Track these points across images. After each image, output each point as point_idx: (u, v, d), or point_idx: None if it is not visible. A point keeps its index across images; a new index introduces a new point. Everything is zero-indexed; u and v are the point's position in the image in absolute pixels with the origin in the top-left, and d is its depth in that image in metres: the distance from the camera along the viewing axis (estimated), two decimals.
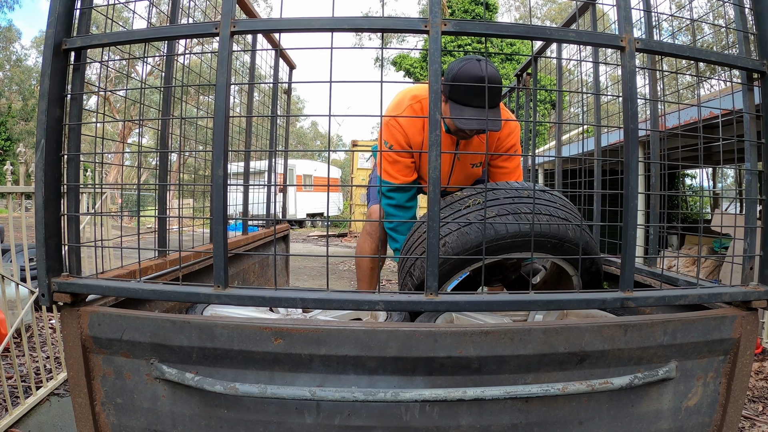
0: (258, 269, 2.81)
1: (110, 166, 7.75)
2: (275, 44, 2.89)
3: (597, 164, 2.29)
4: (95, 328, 1.15)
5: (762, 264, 1.26)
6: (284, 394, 1.04)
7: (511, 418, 1.12)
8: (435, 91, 1.08)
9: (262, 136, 3.32)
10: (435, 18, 1.06)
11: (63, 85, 1.20)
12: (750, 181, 1.30)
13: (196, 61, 3.29)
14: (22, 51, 28.07)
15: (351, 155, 14.39)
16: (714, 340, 1.18)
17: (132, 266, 1.55)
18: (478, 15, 13.61)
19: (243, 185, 3.02)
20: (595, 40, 1.28)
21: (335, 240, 12.78)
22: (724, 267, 5.04)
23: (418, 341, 1.07)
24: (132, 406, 1.17)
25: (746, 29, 1.35)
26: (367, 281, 2.30)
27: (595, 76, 2.23)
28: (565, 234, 1.53)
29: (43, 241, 1.16)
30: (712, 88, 5.94)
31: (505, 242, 1.49)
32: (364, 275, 2.32)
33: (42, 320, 3.31)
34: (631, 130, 1.13)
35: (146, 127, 4.93)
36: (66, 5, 1.18)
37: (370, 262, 2.29)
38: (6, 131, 24.47)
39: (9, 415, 2.11)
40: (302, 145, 39.15)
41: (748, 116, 1.31)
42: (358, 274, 2.36)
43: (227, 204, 1.16)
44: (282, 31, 1.16)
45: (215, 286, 1.13)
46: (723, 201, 7.39)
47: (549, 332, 1.09)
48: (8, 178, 2.45)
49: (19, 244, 2.55)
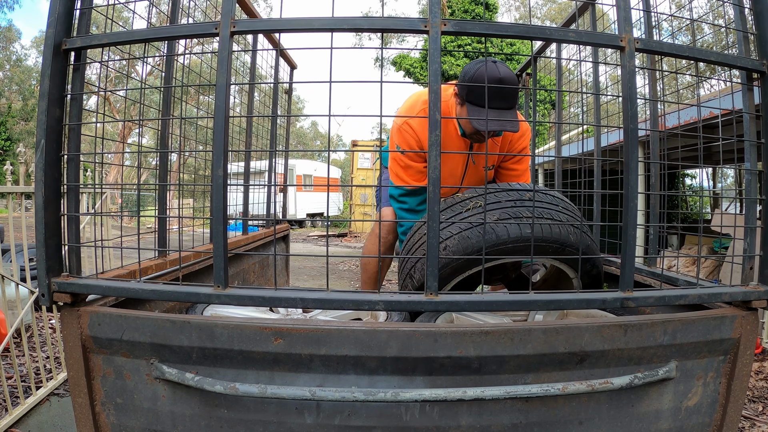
0: (258, 269, 2.81)
1: (110, 166, 7.75)
2: (275, 44, 2.89)
3: (597, 164, 2.29)
4: (95, 328, 1.15)
5: (762, 264, 1.26)
6: (284, 394, 1.04)
7: (511, 418, 1.12)
8: (435, 91, 1.08)
9: (262, 136, 3.32)
10: (435, 18, 1.06)
11: (63, 85, 1.20)
12: (750, 181, 1.30)
13: (196, 61, 3.29)
14: (22, 51, 28.11)
15: (351, 155, 14.40)
16: (714, 340, 1.19)
17: (132, 266, 1.55)
18: (478, 15, 13.61)
19: (243, 185, 3.02)
20: (594, 40, 1.28)
21: (335, 240, 12.78)
22: (724, 267, 5.04)
23: (418, 341, 1.07)
24: (132, 406, 1.17)
25: (746, 29, 1.35)
26: (371, 284, 2.30)
27: (594, 76, 2.23)
28: (567, 239, 1.52)
29: (43, 241, 1.16)
30: (712, 88, 5.94)
31: (506, 247, 1.49)
32: (369, 278, 2.31)
33: (42, 320, 3.31)
34: (631, 130, 1.13)
35: (146, 127, 4.93)
36: (66, 5, 1.18)
37: (377, 266, 2.27)
38: (6, 131, 24.47)
39: (9, 415, 2.11)
40: (302, 145, 39.16)
41: (747, 116, 1.31)
42: (363, 277, 2.35)
43: (227, 204, 1.16)
44: (282, 31, 1.16)
45: (215, 286, 1.13)
46: (723, 201, 7.40)
47: (549, 332, 1.09)
48: (8, 178, 2.45)
49: (19, 244, 2.55)
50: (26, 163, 2.47)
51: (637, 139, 1.15)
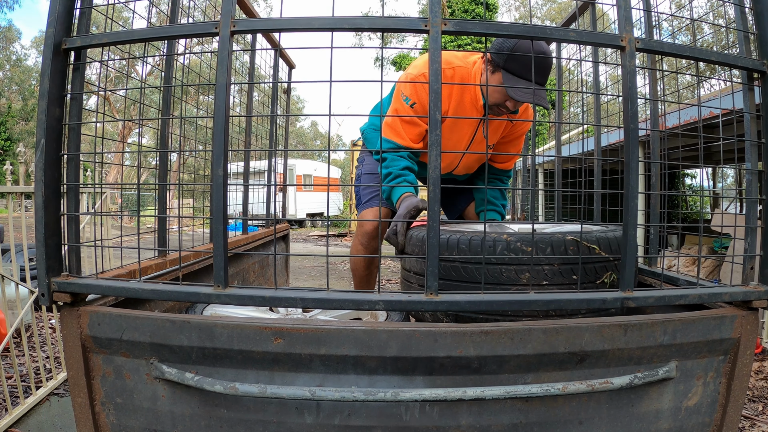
0: (258, 269, 2.81)
1: (110, 166, 7.75)
2: (275, 44, 2.89)
3: (597, 164, 2.29)
4: (95, 328, 1.15)
5: (762, 264, 1.26)
6: (284, 394, 1.04)
7: (511, 417, 1.12)
8: (435, 91, 1.08)
9: (262, 135, 3.32)
10: (435, 18, 1.06)
11: (63, 85, 1.20)
12: (750, 180, 1.30)
13: (196, 61, 3.29)
14: (22, 51, 28.14)
15: (351, 155, 14.40)
16: (714, 340, 1.18)
17: (132, 266, 1.55)
18: (478, 15, 13.61)
19: (243, 185, 3.02)
20: (595, 40, 1.28)
21: (335, 240, 12.78)
22: (724, 267, 5.04)
23: (418, 341, 1.07)
24: (132, 406, 1.17)
25: (746, 29, 1.35)
26: (363, 288, 2.30)
27: (595, 76, 2.23)
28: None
29: (43, 240, 1.16)
30: (712, 87, 5.94)
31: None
32: (360, 282, 2.30)
33: (42, 320, 3.31)
34: (631, 130, 1.13)
35: (146, 126, 4.94)
36: (66, 5, 1.18)
37: (364, 271, 2.26)
38: (6, 131, 24.47)
39: (9, 415, 2.11)
40: (302, 145, 39.14)
41: (748, 116, 1.31)
42: (354, 282, 2.35)
43: (227, 204, 1.16)
44: (282, 30, 1.15)
45: (215, 286, 1.13)
46: (723, 201, 7.40)
47: (549, 332, 1.09)
48: (8, 177, 2.45)
49: (19, 244, 2.55)
50: (26, 163, 2.47)
51: (638, 139, 1.14)
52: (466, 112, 1.96)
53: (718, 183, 9.35)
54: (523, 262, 1.37)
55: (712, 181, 9.42)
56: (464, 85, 1.94)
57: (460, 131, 2.05)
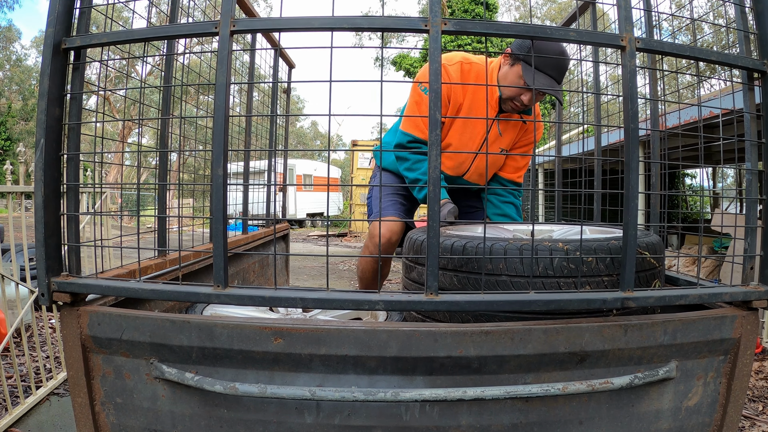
0: (258, 269, 2.81)
1: (110, 166, 7.74)
2: (275, 44, 2.89)
3: (597, 164, 2.29)
4: (95, 328, 1.15)
5: (762, 264, 1.26)
6: (284, 393, 1.04)
7: (511, 417, 1.12)
8: (435, 91, 1.08)
9: (262, 135, 3.32)
10: (435, 17, 1.06)
11: (62, 85, 1.19)
12: (750, 180, 1.30)
13: (196, 61, 3.29)
14: (22, 51, 28.11)
15: (351, 155, 14.40)
16: (714, 340, 1.18)
17: (132, 266, 1.55)
18: (478, 15, 13.61)
19: (243, 185, 3.02)
20: (595, 40, 1.28)
21: (335, 240, 12.78)
22: (724, 267, 5.03)
23: (418, 341, 1.07)
24: (132, 406, 1.17)
25: (746, 29, 1.35)
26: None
27: (595, 76, 2.23)
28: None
29: (43, 240, 1.16)
30: (712, 87, 5.93)
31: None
32: (366, 287, 2.29)
33: (42, 320, 3.31)
34: (631, 130, 1.13)
35: (146, 126, 4.93)
36: (66, 5, 1.18)
37: (372, 279, 2.25)
38: (6, 131, 24.47)
39: (9, 415, 2.11)
40: (302, 145, 39.13)
41: (748, 116, 1.30)
42: (360, 286, 2.34)
43: (227, 203, 1.15)
44: (282, 30, 1.15)
45: (215, 286, 1.13)
46: (723, 201, 7.39)
47: (549, 332, 1.09)
48: (8, 177, 2.45)
49: (19, 244, 2.55)
50: (26, 162, 2.47)
51: (638, 139, 1.14)
52: (481, 106, 2.02)
53: (718, 183, 9.35)
54: (575, 274, 1.28)
55: (712, 181, 9.42)
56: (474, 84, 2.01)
57: (474, 128, 2.08)
